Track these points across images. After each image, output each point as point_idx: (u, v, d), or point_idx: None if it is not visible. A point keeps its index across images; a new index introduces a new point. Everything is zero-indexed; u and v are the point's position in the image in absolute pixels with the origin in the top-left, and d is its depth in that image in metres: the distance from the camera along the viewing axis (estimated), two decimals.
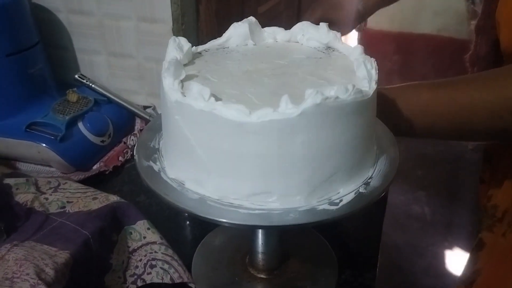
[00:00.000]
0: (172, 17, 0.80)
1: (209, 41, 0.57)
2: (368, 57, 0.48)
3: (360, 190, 0.44)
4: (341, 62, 0.51)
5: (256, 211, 0.41)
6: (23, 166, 0.77)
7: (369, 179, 0.45)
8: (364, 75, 0.45)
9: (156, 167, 0.47)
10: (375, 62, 0.47)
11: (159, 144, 0.51)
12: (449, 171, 2.24)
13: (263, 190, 0.42)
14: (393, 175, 0.46)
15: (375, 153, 0.49)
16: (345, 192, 0.43)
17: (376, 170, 0.47)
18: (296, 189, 0.42)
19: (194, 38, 0.84)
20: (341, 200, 0.42)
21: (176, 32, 0.81)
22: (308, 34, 0.55)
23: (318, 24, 0.56)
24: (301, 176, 0.41)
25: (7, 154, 0.77)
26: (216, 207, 0.42)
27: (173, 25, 0.81)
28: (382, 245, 0.64)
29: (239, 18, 0.57)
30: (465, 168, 2.30)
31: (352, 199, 0.43)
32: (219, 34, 0.57)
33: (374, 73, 0.45)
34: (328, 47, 0.55)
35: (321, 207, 0.42)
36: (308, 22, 0.57)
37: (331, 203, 0.42)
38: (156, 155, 0.50)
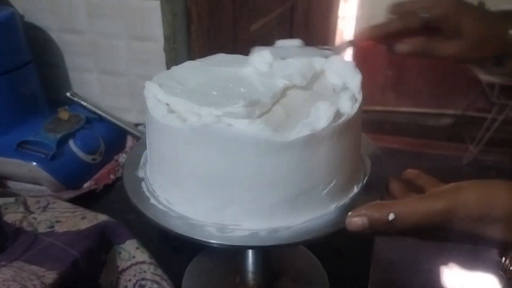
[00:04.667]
0: (164, 35, 0.81)
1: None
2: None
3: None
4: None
5: (240, 232, 0.42)
6: (13, 185, 0.77)
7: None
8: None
9: (142, 183, 0.49)
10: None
11: (146, 161, 0.52)
12: None
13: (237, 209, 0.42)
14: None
15: (359, 172, 0.49)
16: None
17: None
18: (271, 209, 0.42)
19: (186, 57, 0.85)
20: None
21: (168, 51, 0.82)
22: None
23: None
24: (278, 196, 0.42)
25: None
26: (197, 227, 0.43)
27: (164, 43, 0.82)
28: (375, 261, 0.64)
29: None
30: None
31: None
32: (211, 52, 0.57)
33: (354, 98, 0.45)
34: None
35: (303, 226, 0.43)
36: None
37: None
38: (143, 171, 0.51)
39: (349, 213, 0.40)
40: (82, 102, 0.85)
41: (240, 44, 0.54)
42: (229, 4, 0.99)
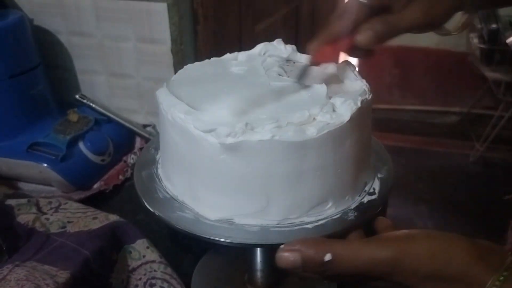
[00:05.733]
0: (171, 37, 0.82)
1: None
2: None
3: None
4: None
5: (252, 230, 0.42)
6: (24, 186, 0.78)
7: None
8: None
9: (154, 184, 0.49)
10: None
11: (158, 161, 0.53)
12: (450, 183, 2.23)
13: (259, 208, 0.43)
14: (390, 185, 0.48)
15: (368, 170, 0.49)
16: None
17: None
18: (291, 208, 0.43)
19: (193, 58, 0.86)
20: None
21: (175, 53, 0.83)
22: (268, 52, 0.54)
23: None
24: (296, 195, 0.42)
25: (9, 174, 0.78)
26: (210, 225, 0.43)
27: (171, 45, 0.82)
28: None
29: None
30: (466, 180, 2.30)
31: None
32: (217, 53, 0.58)
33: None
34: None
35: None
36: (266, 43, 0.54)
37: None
38: (154, 171, 0.51)
39: (281, 246, 0.36)
40: (91, 104, 0.87)
41: (245, 44, 0.54)
42: (235, 5, 1.00)
